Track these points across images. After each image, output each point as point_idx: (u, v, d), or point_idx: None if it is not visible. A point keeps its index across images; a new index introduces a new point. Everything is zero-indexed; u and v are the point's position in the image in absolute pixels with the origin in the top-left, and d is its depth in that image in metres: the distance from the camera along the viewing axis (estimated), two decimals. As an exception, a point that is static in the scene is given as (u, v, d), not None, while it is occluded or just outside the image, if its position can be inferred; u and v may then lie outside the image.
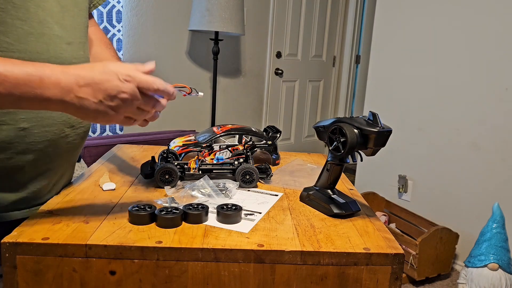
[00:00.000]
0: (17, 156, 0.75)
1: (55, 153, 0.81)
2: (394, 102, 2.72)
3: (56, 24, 0.76)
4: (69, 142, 0.83)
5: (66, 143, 0.82)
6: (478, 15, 2.26)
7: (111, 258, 0.66)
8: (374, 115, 0.79)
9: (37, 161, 0.78)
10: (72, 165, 0.93)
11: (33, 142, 0.75)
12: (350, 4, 4.20)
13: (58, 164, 0.83)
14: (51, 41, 0.75)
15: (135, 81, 0.64)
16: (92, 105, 0.63)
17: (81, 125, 0.85)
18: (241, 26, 2.91)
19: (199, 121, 3.31)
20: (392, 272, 0.69)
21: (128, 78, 0.64)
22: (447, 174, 2.46)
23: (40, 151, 0.77)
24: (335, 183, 0.87)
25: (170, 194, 0.87)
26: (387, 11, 2.74)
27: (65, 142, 0.82)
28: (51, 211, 0.78)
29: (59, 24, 0.77)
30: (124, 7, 2.76)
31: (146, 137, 2.23)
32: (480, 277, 1.96)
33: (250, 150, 1.09)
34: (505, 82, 2.17)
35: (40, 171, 0.80)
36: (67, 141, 0.82)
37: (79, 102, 0.63)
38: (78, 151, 0.90)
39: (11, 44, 0.69)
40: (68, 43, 0.79)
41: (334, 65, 4.30)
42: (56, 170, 0.84)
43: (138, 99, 0.65)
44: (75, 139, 0.84)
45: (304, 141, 4.23)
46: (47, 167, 0.81)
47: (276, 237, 0.71)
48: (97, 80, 0.63)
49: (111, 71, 0.64)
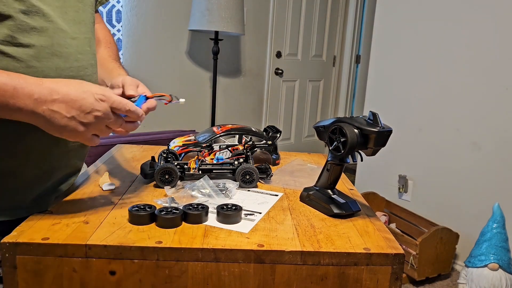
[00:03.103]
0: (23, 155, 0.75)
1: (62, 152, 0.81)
2: (394, 102, 2.72)
3: (60, 18, 0.76)
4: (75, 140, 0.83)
5: (72, 142, 0.82)
6: (478, 15, 2.26)
7: (111, 258, 0.66)
8: (374, 115, 0.79)
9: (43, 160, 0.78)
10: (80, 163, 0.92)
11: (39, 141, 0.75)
12: (350, 4, 4.20)
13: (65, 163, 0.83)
14: (55, 35, 0.75)
15: (109, 101, 0.68)
16: (63, 119, 0.65)
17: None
18: (241, 26, 2.91)
19: (199, 121, 3.31)
20: (392, 272, 0.69)
21: (103, 97, 0.67)
22: (447, 174, 2.46)
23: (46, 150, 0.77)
24: (335, 183, 0.87)
25: (170, 194, 0.87)
26: (387, 11, 2.74)
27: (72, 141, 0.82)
28: (51, 211, 0.78)
29: (62, 18, 0.77)
30: (124, 7, 2.76)
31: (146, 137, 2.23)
32: (480, 277, 1.96)
33: (250, 150, 1.09)
34: (505, 82, 2.17)
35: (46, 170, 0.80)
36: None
37: (50, 115, 0.65)
38: (86, 148, 0.90)
39: (14, 38, 0.69)
40: (73, 38, 0.79)
41: (334, 65, 4.30)
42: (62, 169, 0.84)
43: (110, 118, 0.69)
44: None
45: (304, 141, 4.23)
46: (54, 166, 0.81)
47: (276, 237, 0.71)
48: (72, 96, 0.65)
49: (87, 90, 0.67)
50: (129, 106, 0.70)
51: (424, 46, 2.52)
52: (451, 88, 2.41)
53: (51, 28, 0.74)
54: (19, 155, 0.75)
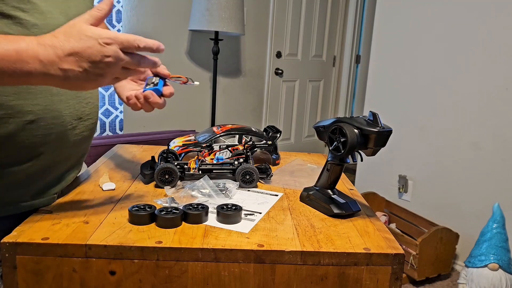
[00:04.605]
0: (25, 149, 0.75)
1: (64, 146, 0.81)
2: (394, 102, 2.72)
3: (61, 14, 0.76)
4: (77, 134, 0.83)
5: (74, 135, 0.82)
6: (478, 15, 2.26)
7: (111, 258, 0.66)
8: (374, 115, 0.79)
9: (45, 154, 0.78)
10: (82, 157, 0.92)
11: (41, 135, 0.75)
12: (350, 4, 4.20)
13: (66, 156, 0.83)
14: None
15: (117, 42, 0.63)
16: (78, 74, 0.62)
17: (89, 117, 0.85)
18: (241, 26, 2.91)
19: (199, 121, 3.31)
20: (392, 272, 0.69)
21: (109, 40, 0.63)
22: (447, 174, 2.46)
23: (48, 143, 0.77)
24: (335, 183, 0.87)
25: (170, 194, 0.87)
26: (387, 11, 2.74)
27: (73, 134, 0.82)
28: (51, 211, 0.78)
29: (64, 14, 0.76)
30: (124, 7, 2.76)
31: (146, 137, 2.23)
32: (481, 277, 1.96)
33: (250, 150, 1.09)
34: (505, 82, 2.17)
35: (49, 163, 0.80)
36: (75, 133, 0.82)
37: (64, 74, 0.61)
38: (87, 143, 0.90)
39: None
40: None
41: (334, 65, 4.30)
42: (65, 163, 0.84)
43: (123, 60, 0.64)
44: (83, 131, 0.84)
45: (304, 141, 4.23)
46: (56, 159, 0.81)
47: (276, 237, 0.71)
48: (77, 49, 0.61)
49: (90, 36, 0.62)
50: (138, 42, 0.65)
51: (424, 46, 2.52)
52: (451, 88, 2.41)
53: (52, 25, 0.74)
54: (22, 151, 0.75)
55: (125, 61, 0.65)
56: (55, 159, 0.81)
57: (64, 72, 0.61)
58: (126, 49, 0.64)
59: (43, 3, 0.73)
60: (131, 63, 0.66)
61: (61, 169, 0.84)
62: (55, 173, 0.83)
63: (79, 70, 0.62)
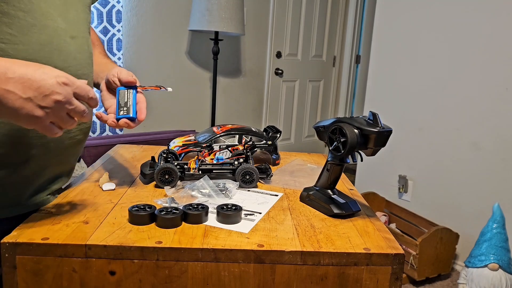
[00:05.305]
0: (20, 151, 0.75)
1: (57, 148, 0.81)
2: (394, 102, 2.72)
3: (60, 17, 0.76)
4: (71, 137, 0.83)
5: (68, 138, 0.82)
6: (478, 15, 2.26)
7: (111, 258, 0.66)
8: (374, 115, 0.79)
9: (39, 156, 0.78)
10: (74, 160, 0.93)
11: (35, 137, 0.75)
12: (350, 4, 4.20)
13: (60, 159, 0.84)
14: (54, 34, 0.74)
15: (73, 86, 0.62)
16: (17, 100, 0.58)
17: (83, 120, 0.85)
18: (241, 26, 2.91)
19: (199, 121, 3.31)
20: (392, 272, 0.69)
21: (66, 81, 0.61)
22: (447, 174, 2.46)
23: (42, 146, 0.77)
24: (335, 183, 0.87)
25: (170, 194, 0.87)
26: (387, 11, 2.74)
27: (67, 137, 0.82)
28: (51, 211, 0.77)
29: (62, 16, 0.77)
30: (124, 7, 2.76)
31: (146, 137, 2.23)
32: (481, 277, 1.96)
33: (250, 150, 1.09)
34: (505, 82, 2.17)
35: (42, 166, 0.80)
36: (70, 136, 0.82)
37: (4, 95, 0.58)
38: (80, 146, 0.90)
39: (14, 36, 0.69)
40: (72, 37, 0.79)
41: (334, 65, 4.30)
42: (57, 166, 0.84)
43: (72, 105, 0.62)
44: (77, 135, 0.85)
45: (304, 141, 4.23)
46: (49, 162, 0.81)
47: (276, 237, 0.71)
48: (30, 76, 0.59)
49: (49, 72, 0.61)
50: (92, 93, 0.64)
51: (424, 46, 2.52)
52: (451, 88, 2.41)
53: (50, 27, 0.74)
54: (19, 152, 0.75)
55: (73, 107, 0.63)
56: (48, 162, 0.81)
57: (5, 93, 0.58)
58: (78, 95, 0.63)
59: (43, 4, 0.73)
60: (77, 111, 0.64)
61: (54, 172, 0.84)
62: (48, 175, 0.83)
63: (21, 96, 0.59)
